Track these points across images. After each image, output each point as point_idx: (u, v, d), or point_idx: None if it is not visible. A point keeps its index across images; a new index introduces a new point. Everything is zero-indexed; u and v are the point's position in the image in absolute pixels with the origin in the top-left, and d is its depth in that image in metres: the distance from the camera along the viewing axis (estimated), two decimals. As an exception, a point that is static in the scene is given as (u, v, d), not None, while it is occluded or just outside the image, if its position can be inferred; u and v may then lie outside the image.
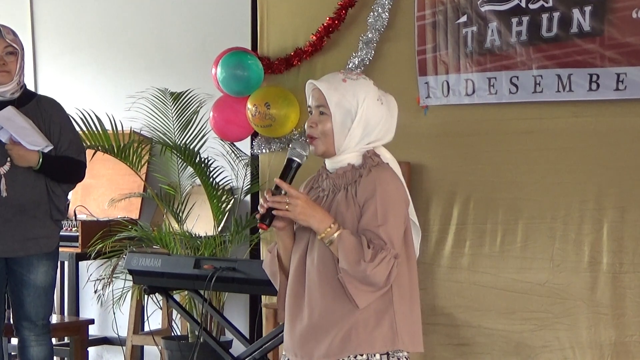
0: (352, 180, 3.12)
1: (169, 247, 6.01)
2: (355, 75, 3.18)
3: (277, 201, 3.05)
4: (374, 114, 3.13)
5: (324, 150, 3.15)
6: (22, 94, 5.09)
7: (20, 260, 5.02)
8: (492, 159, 5.45)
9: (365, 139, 3.14)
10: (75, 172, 5.15)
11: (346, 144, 3.13)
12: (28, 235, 5.00)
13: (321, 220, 3.04)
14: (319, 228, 3.03)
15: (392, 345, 3.06)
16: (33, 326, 5.09)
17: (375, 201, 3.04)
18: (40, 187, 5.02)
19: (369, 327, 3.03)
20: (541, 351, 5.27)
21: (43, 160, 4.96)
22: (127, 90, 6.61)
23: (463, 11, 5.47)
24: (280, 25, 6.15)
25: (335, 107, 3.11)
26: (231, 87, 6.06)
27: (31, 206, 5.00)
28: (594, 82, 5.08)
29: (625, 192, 5.11)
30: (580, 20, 5.12)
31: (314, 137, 3.15)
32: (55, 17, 7.51)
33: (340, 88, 3.13)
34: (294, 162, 3.14)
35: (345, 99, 3.12)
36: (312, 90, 3.19)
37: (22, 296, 5.05)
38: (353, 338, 3.03)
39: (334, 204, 3.11)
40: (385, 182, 3.08)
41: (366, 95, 3.13)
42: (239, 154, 6.39)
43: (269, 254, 3.28)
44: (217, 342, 5.39)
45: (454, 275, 5.51)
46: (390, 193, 3.07)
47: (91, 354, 6.78)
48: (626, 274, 5.09)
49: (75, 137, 5.18)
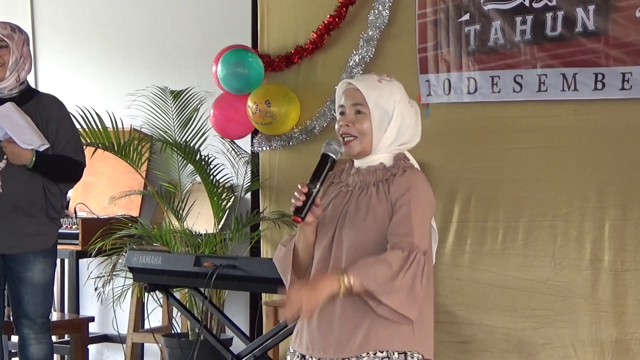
0: (383, 178, 3.11)
1: (170, 245, 6.01)
2: (387, 77, 3.18)
3: (286, 306, 2.97)
4: (407, 116, 3.15)
5: (360, 150, 3.14)
6: (23, 92, 5.07)
7: (17, 257, 5.01)
8: (493, 157, 5.45)
9: (397, 141, 3.15)
10: (72, 171, 5.12)
11: (382, 144, 3.13)
12: (24, 232, 4.99)
13: (330, 284, 2.97)
14: (334, 289, 2.96)
15: (410, 345, 3.05)
16: (32, 324, 5.08)
17: (409, 202, 3.04)
18: (37, 186, 5.00)
19: (389, 326, 3.02)
20: (542, 349, 5.28)
21: (36, 160, 4.93)
22: (127, 88, 6.60)
23: (465, 9, 5.47)
24: (281, 22, 6.15)
25: (374, 106, 3.11)
26: (231, 85, 6.06)
27: (27, 204, 4.99)
28: (600, 82, 5.08)
29: (626, 190, 5.11)
30: (584, 20, 5.12)
31: (350, 137, 3.13)
32: (55, 14, 7.50)
33: (378, 88, 3.13)
34: (329, 157, 3.11)
35: (383, 98, 3.11)
36: (345, 89, 3.17)
37: (20, 294, 5.04)
38: (373, 336, 3.02)
39: (365, 199, 3.10)
40: (419, 184, 3.09)
41: (401, 96, 3.15)
42: (240, 151, 6.38)
43: (283, 248, 3.25)
44: (218, 339, 5.40)
45: (455, 273, 5.51)
46: (423, 196, 3.08)
47: (91, 352, 6.77)
48: (627, 271, 5.09)
49: (73, 136, 5.15)
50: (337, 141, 3.13)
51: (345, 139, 3.14)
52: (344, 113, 3.15)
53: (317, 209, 3.10)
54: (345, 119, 3.14)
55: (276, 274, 4.62)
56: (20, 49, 5.04)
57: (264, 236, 6.21)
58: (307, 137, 6.03)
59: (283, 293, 3.14)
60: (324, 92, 5.94)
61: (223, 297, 6.05)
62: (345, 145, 3.14)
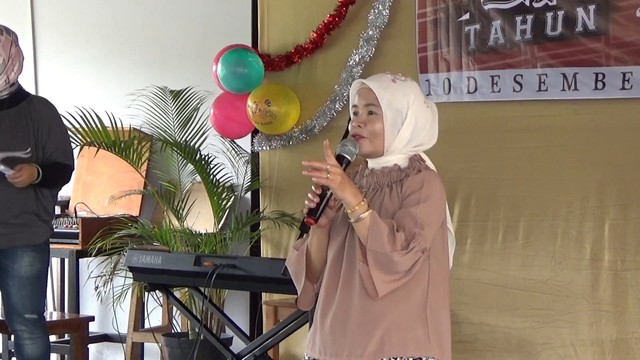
0: (397, 179, 3.07)
1: (170, 245, 6.01)
2: (402, 77, 3.12)
3: (318, 169, 2.94)
4: (422, 116, 3.10)
5: (371, 151, 3.09)
6: (13, 93, 5.05)
7: (6, 251, 5.03)
8: (493, 157, 5.45)
9: (412, 142, 3.09)
10: (63, 177, 5.16)
11: (395, 145, 3.07)
12: (15, 229, 5.00)
13: (355, 195, 2.96)
14: (351, 201, 2.95)
15: (425, 351, 3.01)
16: (23, 320, 5.08)
17: (420, 194, 3.00)
18: (28, 188, 5.01)
19: (402, 330, 2.99)
20: (542, 348, 5.28)
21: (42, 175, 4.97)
22: (127, 87, 6.59)
23: (465, 9, 5.47)
24: (281, 22, 6.15)
25: (387, 107, 3.05)
26: (231, 85, 6.06)
27: (19, 204, 5.00)
28: (600, 82, 5.08)
29: (627, 190, 5.12)
30: (584, 19, 5.12)
31: (361, 137, 3.08)
32: (55, 14, 7.50)
33: (391, 88, 3.07)
34: (344, 158, 3.06)
35: (396, 98, 3.06)
36: (358, 89, 3.12)
37: (8, 287, 5.07)
38: (387, 341, 2.98)
39: (378, 200, 3.06)
40: (433, 182, 3.04)
41: (415, 97, 3.09)
42: (240, 151, 6.38)
43: (296, 251, 3.20)
44: (218, 339, 5.40)
45: (456, 273, 5.49)
46: (436, 194, 3.03)
47: (91, 351, 6.77)
48: (628, 271, 5.09)
49: (63, 140, 5.16)
50: (353, 142, 3.07)
51: (356, 139, 3.10)
52: (357, 113, 3.11)
53: (331, 210, 3.04)
54: (357, 119, 3.09)
55: (276, 274, 4.66)
56: (8, 50, 5.00)
57: (264, 236, 6.21)
58: (307, 137, 6.03)
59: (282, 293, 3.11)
60: (324, 91, 5.94)
61: (223, 296, 6.05)
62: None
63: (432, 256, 3.04)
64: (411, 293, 3.01)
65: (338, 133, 5.42)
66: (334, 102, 5.90)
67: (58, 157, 5.07)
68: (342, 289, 3.05)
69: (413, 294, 3.01)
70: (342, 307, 3.03)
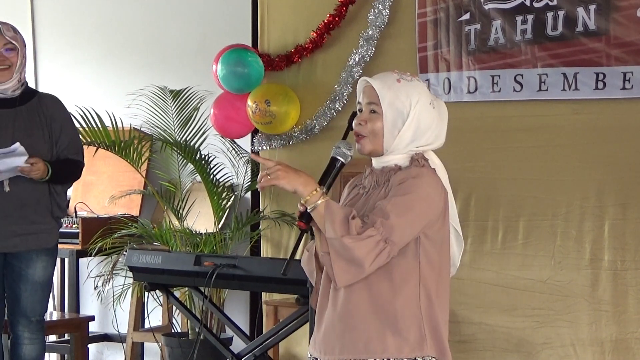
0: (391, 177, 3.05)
1: (170, 244, 6.01)
2: (409, 77, 3.09)
3: (260, 174, 3.01)
4: (425, 117, 3.06)
5: (371, 150, 3.08)
6: (23, 92, 5.09)
7: (20, 254, 5.02)
8: (493, 156, 5.45)
9: (415, 142, 3.06)
10: (75, 173, 5.16)
11: (395, 145, 3.05)
12: (29, 230, 5.01)
13: (306, 183, 2.98)
14: (303, 191, 2.98)
15: (421, 351, 2.99)
16: (28, 322, 5.08)
17: (399, 188, 2.97)
18: (42, 184, 5.02)
19: (397, 331, 2.97)
20: (542, 348, 5.28)
21: (52, 171, 4.97)
22: (127, 87, 6.60)
23: (466, 9, 5.47)
24: (281, 22, 6.15)
25: (388, 107, 3.04)
26: (231, 84, 6.06)
27: (32, 202, 5.01)
28: (600, 81, 5.09)
29: (626, 189, 5.12)
30: (585, 19, 5.12)
31: (361, 135, 3.08)
32: (55, 14, 7.50)
33: (394, 88, 3.05)
34: (338, 161, 3.07)
35: (398, 99, 3.04)
36: (363, 87, 3.12)
37: (19, 291, 5.05)
38: (380, 341, 2.97)
39: (375, 198, 3.04)
40: (420, 179, 3.00)
41: (419, 97, 3.05)
42: (240, 150, 6.38)
43: (307, 252, 3.19)
44: (218, 338, 5.40)
45: (455, 272, 5.50)
46: (419, 190, 2.98)
47: (91, 351, 6.77)
48: (627, 271, 5.10)
49: (74, 136, 5.18)
50: (346, 144, 3.08)
51: (357, 137, 3.10)
52: (361, 111, 3.11)
53: None
54: (359, 117, 3.10)
55: (276, 274, 4.65)
56: (24, 49, 5.07)
57: (264, 235, 6.21)
58: (307, 137, 6.02)
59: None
60: (324, 91, 5.94)
61: (223, 296, 6.05)
62: (358, 143, 3.11)
63: (423, 254, 3.01)
64: (398, 291, 2.98)
65: (338, 133, 5.39)
66: (334, 102, 5.90)
67: (70, 153, 5.09)
68: (334, 289, 3.05)
69: (402, 292, 2.98)
70: (333, 306, 3.03)
